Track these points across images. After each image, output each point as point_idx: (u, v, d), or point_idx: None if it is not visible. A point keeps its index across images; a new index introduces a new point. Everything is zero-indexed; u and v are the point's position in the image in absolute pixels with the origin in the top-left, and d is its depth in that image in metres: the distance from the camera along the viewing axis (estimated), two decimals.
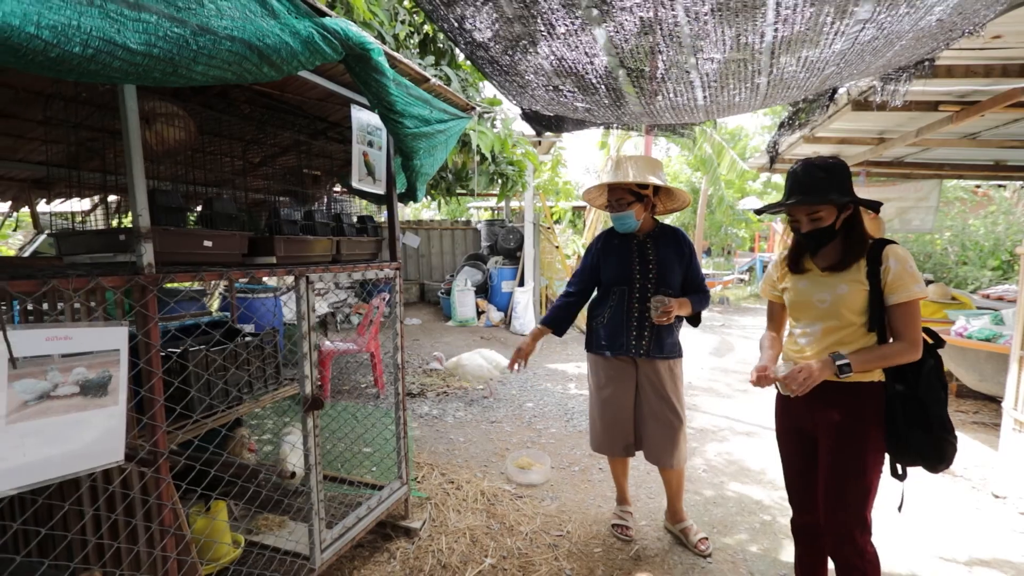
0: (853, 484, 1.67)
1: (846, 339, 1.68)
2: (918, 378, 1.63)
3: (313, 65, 1.57)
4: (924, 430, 1.60)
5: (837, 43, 1.53)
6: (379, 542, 2.56)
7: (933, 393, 1.61)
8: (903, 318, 1.60)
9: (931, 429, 1.59)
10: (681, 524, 2.64)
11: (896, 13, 1.35)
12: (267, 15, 1.39)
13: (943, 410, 1.62)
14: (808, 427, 1.79)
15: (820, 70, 1.76)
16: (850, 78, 2.08)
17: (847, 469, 1.67)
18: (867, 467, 1.66)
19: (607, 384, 2.57)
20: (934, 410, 1.59)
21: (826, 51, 1.59)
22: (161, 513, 1.42)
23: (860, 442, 1.66)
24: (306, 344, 1.91)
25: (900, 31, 1.51)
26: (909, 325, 1.59)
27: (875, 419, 1.66)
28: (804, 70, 1.75)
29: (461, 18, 1.64)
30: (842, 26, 1.41)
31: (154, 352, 1.38)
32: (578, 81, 1.92)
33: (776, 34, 1.44)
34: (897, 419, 1.62)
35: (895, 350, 1.60)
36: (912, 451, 1.63)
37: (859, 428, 1.66)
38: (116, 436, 1.30)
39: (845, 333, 1.68)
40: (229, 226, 1.71)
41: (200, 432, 1.77)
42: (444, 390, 5.24)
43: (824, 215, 1.68)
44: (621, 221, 2.47)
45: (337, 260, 2.20)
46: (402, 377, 2.58)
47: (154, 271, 1.38)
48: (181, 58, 1.15)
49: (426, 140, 2.41)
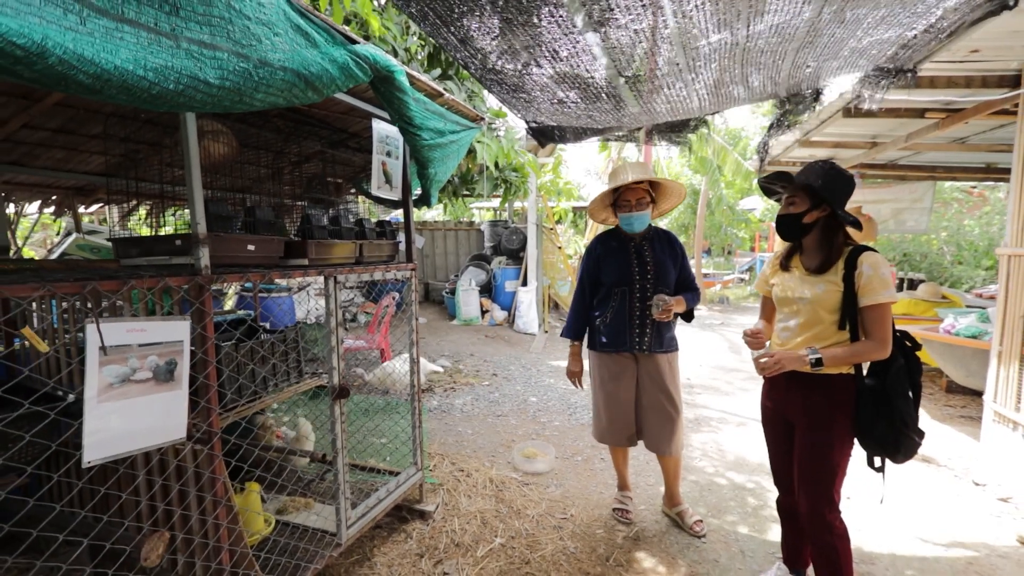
0: (820, 464, 1.85)
1: (820, 334, 1.85)
2: (886, 374, 1.79)
3: (347, 87, 1.76)
4: (887, 422, 1.76)
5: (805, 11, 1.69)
6: (396, 523, 2.75)
7: (899, 388, 1.76)
8: (872, 319, 1.75)
9: (893, 422, 1.75)
10: (678, 508, 2.82)
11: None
12: (310, 46, 1.57)
13: (907, 407, 1.76)
14: (787, 412, 1.99)
15: (791, 36, 1.93)
16: (825, 63, 2.25)
17: (816, 451, 1.86)
18: (834, 450, 1.83)
19: (610, 380, 2.75)
20: (898, 404, 1.74)
21: (795, 19, 1.76)
22: (214, 486, 1.61)
23: (828, 427, 1.84)
24: (334, 338, 2.10)
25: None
26: (877, 326, 1.74)
27: (844, 408, 1.83)
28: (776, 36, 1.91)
29: (463, 40, 1.82)
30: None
31: (210, 344, 1.57)
32: (582, 93, 2.11)
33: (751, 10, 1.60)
34: (865, 409, 1.78)
35: (865, 348, 1.76)
36: (873, 440, 1.81)
37: (828, 414, 1.84)
38: (180, 416, 1.49)
39: (819, 329, 1.85)
40: (268, 231, 1.90)
41: (246, 415, 1.96)
42: (451, 386, 5.43)
43: (798, 202, 1.85)
44: (641, 220, 2.64)
45: (360, 262, 2.39)
46: (417, 370, 2.76)
47: (210, 272, 1.57)
48: (246, 88, 1.34)
49: (440, 150, 2.60)
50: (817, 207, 1.84)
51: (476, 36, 1.72)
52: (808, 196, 1.85)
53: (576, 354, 2.88)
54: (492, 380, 5.67)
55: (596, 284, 2.82)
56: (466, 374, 5.89)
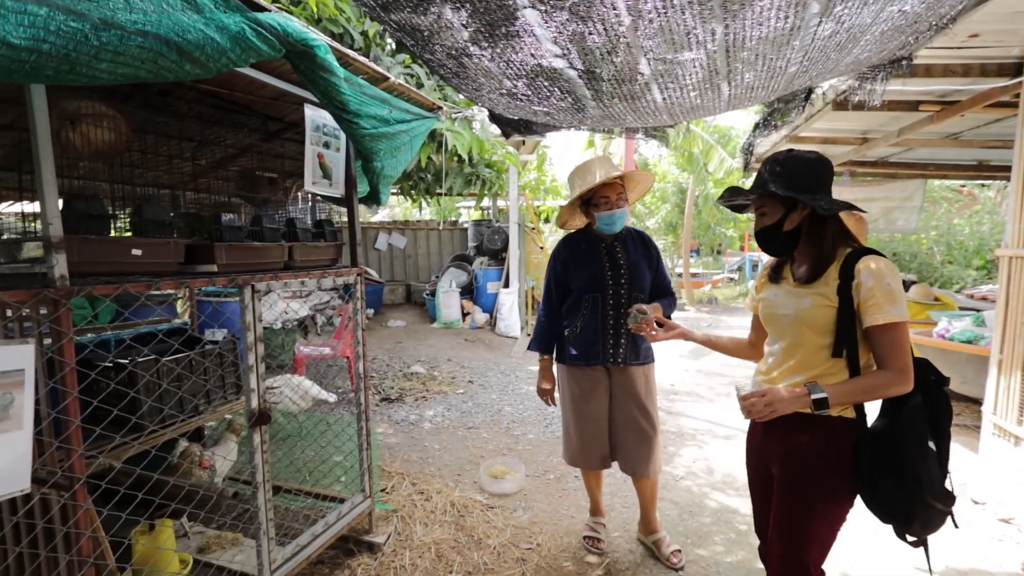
0: (798, 530, 1.46)
1: (807, 362, 1.45)
2: (896, 416, 1.35)
3: (247, 62, 1.49)
4: (896, 481, 1.33)
5: (796, 39, 1.45)
6: (340, 557, 2.47)
7: (912, 435, 1.33)
8: (885, 343, 1.33)
9: (903, 481, 1.31)
10: (654, 536, 2.57)
11: (852, 5, 1.27)
12: (189, 9, 1.29)
13: (923, 461, 1.33)
14: (767, 457, 1.60)
15: (783, 69, 1.69)
16: (820, 77, 2.01)
17: (795, 513, 1.46)
18: (817, 513, 1.43)
19: (582, 396, 2.49)
20: (909, 457, 1.32)
21: (785, 48, 1.51)
22: (78, 543, 1.33)
23: (814, 482, 1.44)
24: (252, 356, 1.81)
25: (862, 24, 1.44)
26: (892, 351, 1.33)
27: (838, 458, 1.42)
28: (765, 70, 1.67)
29: (401, 21, 1.55)
30: (797, 21, 1.33)
31: (68, 370, 1.29)
32: (529, 84, 1.84)
33: (728, 31, 1.36)
34: (865, 463, 1.38)
35: (881, 381, 1.33)
36: (877, 504, 1.40)
37: (816, 466, 1.44)
38: (22, 462, 1.21)
39: (804, 354, 1.45)
40: (162, 233, 1.62)
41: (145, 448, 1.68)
42: (423, 395, 5.15)
43: (768, 211, 1.49)
44: (620, 219, 2.38)
45: (290, 267, 2.11)
46: (365, 388, 2.49)
47: (67, 283, 1.28)
48: (80, 55, 1.06)
49: (386, 141, 2.32)
50: (793, 209, 1.47)
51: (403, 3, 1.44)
52: (778, 201, 1.48)
53: (546, 368, 2.61)
54: (467, 388, 5.40)
55: (564, 291, 2.55)
56: (440, 381, 5.61)
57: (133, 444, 1.61)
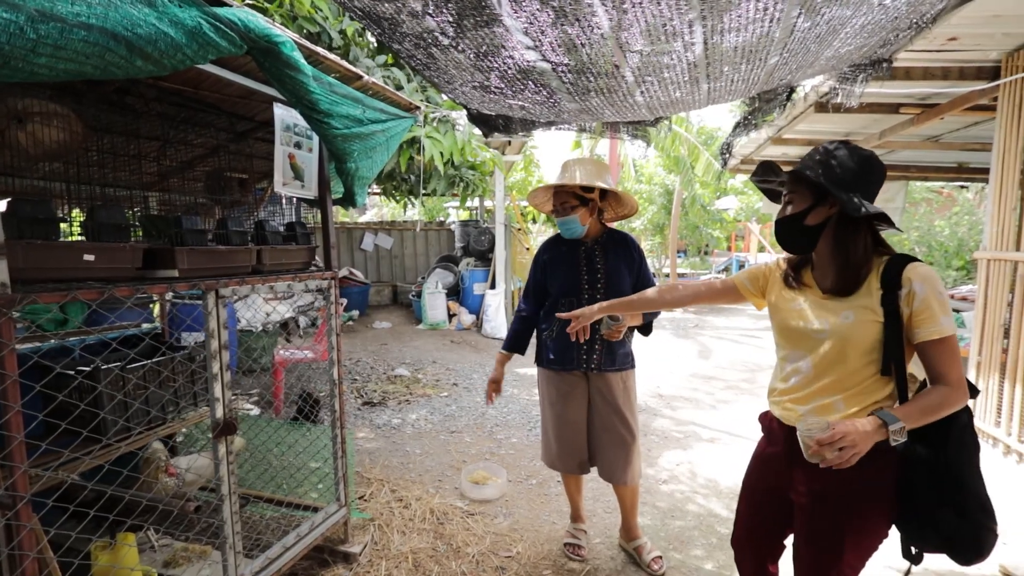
0: (829, 563, 1.37)
1: (847, 381, 1.31)
2: (947, 437, 1.24)
3: (207, 59, 1.42)
4: (958, 511, 1.22)
5: (776, 30, 1.42)
6: (314, 569, 2.40)
7: (965, 456, 1.24)
8: (942, 356, 1.22)
9: (966, 510, 1.22)
10: (635, 542, 2.53)
11: None
12: (139, 2, 1.23)
13: (980, 484, 1.24)
14: (784, 486, 1.47)
15: (763, 60, 1.66)
16: (801, 71, 1.99)
17: (824, 544, 1.37)
18: (850, 548, 1.33)
19: (559, 400, 2.46)
20: (970, 482, 1.22)
21: (764, 40, 1.48)
22: (22, 565, 1.26)
23: (851, 517, 1.33)
24: (216, 364, 1.75)
25: (841, 16, 1.41)
26: (952, 365, 1.23)
27: (881, 487, 1.30)
28: (744, 61, 1.64)
29: (365, 8, 1.50)
30: (775, 11, 1.30)
31: (9, 383, 1.21)
32: (502, 76, 1.80)
33: (705, 22, 1.33)
34: (918, 493, 1.26)
35: (944, 397, 1.21)
36: (940, 538, 1.27)
37: (855, 501, 1.33)
38: None
39: (845, 372, 1.31)
40: (118, 237, 1.55)
41: (99, 463, 1.60)
42: (407, 398, 5.08)
43: (795, 199, 1.36)
44: (566, 226, 2.37)
45: (259, 271, 2.04)
46: (339, 394, 2.42)
47: (9, 291, 1.21)
48: (14, 48, 0.99)
49: (360, 141, 2.26)
50: (822, 202, 1.32)
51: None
52: (809, 189, 1.34)
53: (500, 363, 2.57)
54: (451, 391, 5.34)
55: (543, 293, 2.53)
56: (424, 384, 5.55)
57: (84, 459, 1.54)
